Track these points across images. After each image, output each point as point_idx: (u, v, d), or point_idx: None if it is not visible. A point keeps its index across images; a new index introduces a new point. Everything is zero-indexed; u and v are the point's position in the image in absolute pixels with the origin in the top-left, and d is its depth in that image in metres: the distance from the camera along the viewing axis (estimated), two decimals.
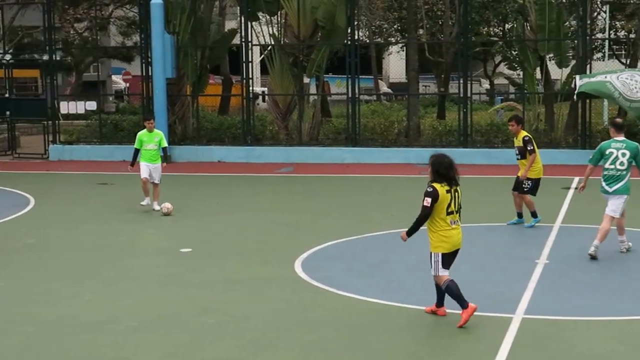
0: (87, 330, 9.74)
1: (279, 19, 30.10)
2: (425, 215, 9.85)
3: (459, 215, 10.00)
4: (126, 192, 21.15)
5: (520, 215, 15.79)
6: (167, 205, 17.35)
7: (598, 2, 40.04)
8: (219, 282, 11.89)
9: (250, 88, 29.17)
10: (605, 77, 25.30)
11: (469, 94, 27.44)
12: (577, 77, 25.95)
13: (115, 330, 9.70)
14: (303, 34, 28.34)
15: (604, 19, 38.91)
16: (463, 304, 9.69)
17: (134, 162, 17.92)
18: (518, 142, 15.56)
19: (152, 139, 17.79)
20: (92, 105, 31.12)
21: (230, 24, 39.09)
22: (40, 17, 31.15)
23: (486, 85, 62.87)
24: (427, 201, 9.79)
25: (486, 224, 16.09)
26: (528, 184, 15.45)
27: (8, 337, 9.51)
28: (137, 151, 17.81)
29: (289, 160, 27.19)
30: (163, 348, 9.12)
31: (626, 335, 9.37)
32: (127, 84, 61.12)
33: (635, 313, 10.08)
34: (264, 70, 38.56)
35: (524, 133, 15.63)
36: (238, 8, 30.63)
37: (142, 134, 17.90)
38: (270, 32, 29.60)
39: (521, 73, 30.49)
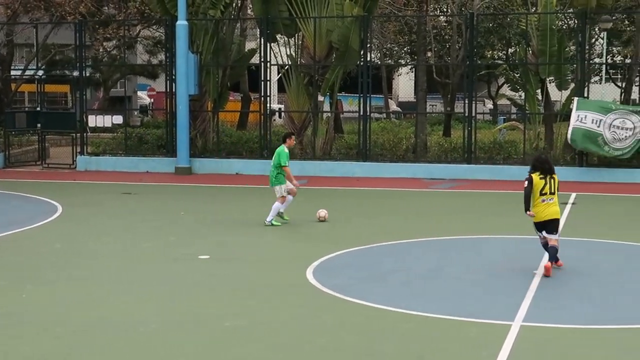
0: (115, 332, 9.72)
1: (296, 41, 30.18)
2: (525, 193, 12.81)
3: (556, 196, 12.90)
4: (149, 201, 21.25)
5: None
6: (321, 213, 17.76)
7: (596, 29, 39.98)
8: (235, 288, 11.89)
9: (268, 105, 29.26)
10: (599, 125, 25.25)
11: (473, 114, 27.49)
12: (575, 99, 25.97)
13: (142, 333, 9.68)
14: (318, 55, 28.42)
15: (602, 45, 38.85)
16: (552, 259, 12.73)
17: None
18: None
19: None
20: (118, 119, 31.25)
21: (250, 45, 39.17)
22: (72, 35, 31.38)
23: (490, 105, 62.89)
24: (525, 184, 12.88)
25: (487, 236, 16.09)
26: None
27: (40, 339, 9.50)
28: None
29: (303, 173, 27.16)
30: (187, 349, 9.11)
31: (622, 343, 9.33)
32: (152, 100, 61.36)
33: (631, 322, 10.05)
34: (281, 89, 38.63)
35: None
36: (258, 30, 30.70)
37: None
38: (288, 53, 29.68)
39: (523, 94, 30.49)
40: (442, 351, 9.03)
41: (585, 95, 26.66)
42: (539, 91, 28.35)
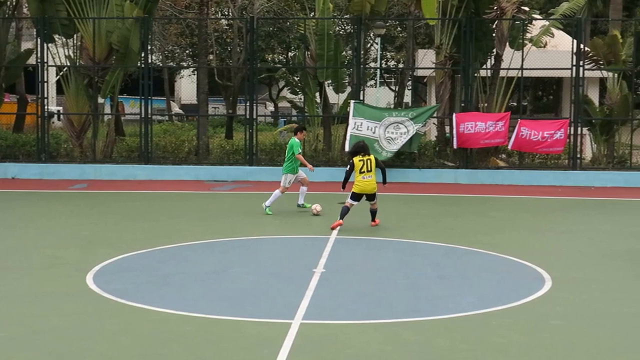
0: None
1: (75, 42, 29.45)
2: (346, 175, 16.62)
3: (373, 173, 16.55)
4: None
5: None
6: (317, 207, 18.89)
7: (371, 35, 41.32)
8: (10, 297, 11.44)
9: (46, 107, 28.38)
10: (374, 132, 26.09)
11: (254, 116, 27.75)
12: (352, 103, 26.71)
13: None
14: (98, 57, 27.86)
15: (377, 50, 40.20)
16: (341, 217, 16.41)
17: None
18: None
19: None
20: None
21: (26, 45, 37.88)
22: None
23: (271, 108, 63.67)
24: (348, 167, 16.65)
25: (268, 236, 16.29)
26: None
27: None
28: None
29: (84, 177, 26.61)
30: None
31: (394, 336, 9.66)
32: None
33: (403, 315, 10.44)
34: (59, 90, 37.53)
35: None
36: (35, 30, 29.70)
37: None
38: (66, 54, 28.90)
39: (302, 97, 31.08)
40: (224, 352, 9.06)
41: (361, 98, 27.49)
42: (317, 94, 28.99)
